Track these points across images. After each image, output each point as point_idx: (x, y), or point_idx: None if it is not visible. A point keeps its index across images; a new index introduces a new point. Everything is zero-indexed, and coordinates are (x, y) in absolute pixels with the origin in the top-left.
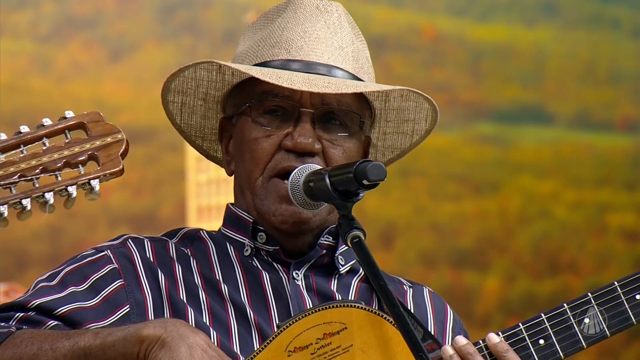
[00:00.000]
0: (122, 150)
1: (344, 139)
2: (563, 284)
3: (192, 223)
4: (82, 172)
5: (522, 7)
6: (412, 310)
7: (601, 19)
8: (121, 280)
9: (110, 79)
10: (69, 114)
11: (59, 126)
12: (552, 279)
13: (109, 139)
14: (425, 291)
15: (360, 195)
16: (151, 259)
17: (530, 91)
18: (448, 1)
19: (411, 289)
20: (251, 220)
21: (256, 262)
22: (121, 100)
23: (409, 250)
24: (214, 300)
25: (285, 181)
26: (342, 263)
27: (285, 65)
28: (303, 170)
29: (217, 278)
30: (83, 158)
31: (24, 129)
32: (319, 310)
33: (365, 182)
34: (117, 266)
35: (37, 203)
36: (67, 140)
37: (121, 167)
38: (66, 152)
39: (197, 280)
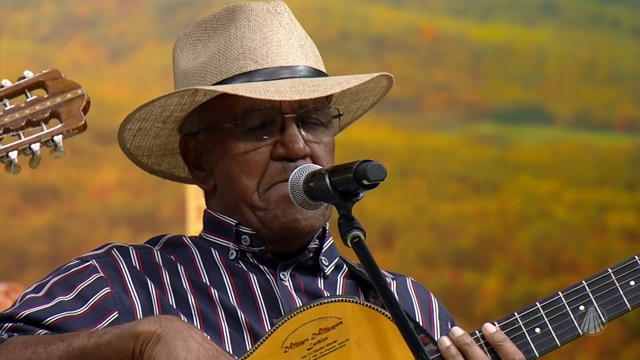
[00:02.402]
0: (83, 105)
1: (324, 135)
2: (563, 284)
3: (192, 223)
4: (45, 130)
5: (522, 7)
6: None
7: (601, 19)
8: (108, 288)
9: (110, 79)
10: (28, 74)
11: (19, 86)
12: (552, 279)
13: (69, 95)
14: (408, 281)
15: (360, 195)
16: (137, 267)
17: (530, 91)
18: (448, 1)
19: (394, 281)
20: (234, 224)
21: (242, 265)
22: (121, 100)
23: (409, 250)
24: (204, 304)
25: (285, 183)
26: (326, 264)
27: (254, 76)
28: (303, 170)
29: (205, 282)
30: (45, 116)
31: None
32: (314, 305)
33: (365, 182)
34: (103, 275)
35: (1, 164)
36: (27, 100)
37: (83, 122)
38: (27, 111)
39: (185, 285)
